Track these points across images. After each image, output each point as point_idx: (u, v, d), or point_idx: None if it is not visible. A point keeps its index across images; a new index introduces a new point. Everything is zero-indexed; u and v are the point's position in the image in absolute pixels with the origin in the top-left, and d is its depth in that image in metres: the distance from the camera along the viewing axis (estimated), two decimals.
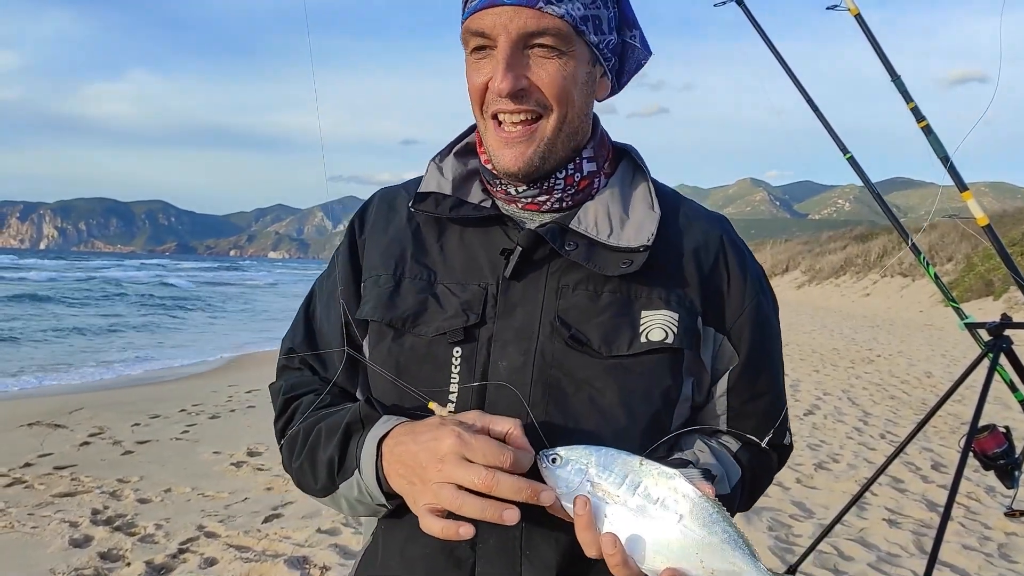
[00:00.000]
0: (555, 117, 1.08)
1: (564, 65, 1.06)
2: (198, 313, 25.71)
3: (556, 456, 0.96)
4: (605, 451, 0.95)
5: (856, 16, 2.84)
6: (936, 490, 5.53)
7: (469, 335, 1.10)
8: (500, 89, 1.04)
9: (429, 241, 1.18)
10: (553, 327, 1.09)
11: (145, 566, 3.98)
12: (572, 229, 1.12)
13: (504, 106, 1.07)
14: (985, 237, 2.82)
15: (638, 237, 1.12)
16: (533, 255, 1.12)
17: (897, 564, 4.22)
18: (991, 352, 2.85)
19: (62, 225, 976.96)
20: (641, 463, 0.93)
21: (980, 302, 22.30)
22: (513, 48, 1.04)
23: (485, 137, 1.13)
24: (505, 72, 1.04)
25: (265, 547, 4.29)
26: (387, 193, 1.28)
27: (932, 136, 2.77)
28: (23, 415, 7.58)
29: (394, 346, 1.12)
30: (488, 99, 1.08)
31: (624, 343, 1.09)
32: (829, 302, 32.27)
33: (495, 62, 1.06)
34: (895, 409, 8.74)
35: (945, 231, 29.86)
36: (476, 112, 1.12)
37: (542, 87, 1.06)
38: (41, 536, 4.42)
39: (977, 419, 2.82)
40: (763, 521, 4.76)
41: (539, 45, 1.05)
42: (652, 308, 1.11)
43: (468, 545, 1.08)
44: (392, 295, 1.14)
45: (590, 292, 1.11)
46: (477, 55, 1.08)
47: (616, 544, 0.90)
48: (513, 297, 1.11)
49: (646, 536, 0.91)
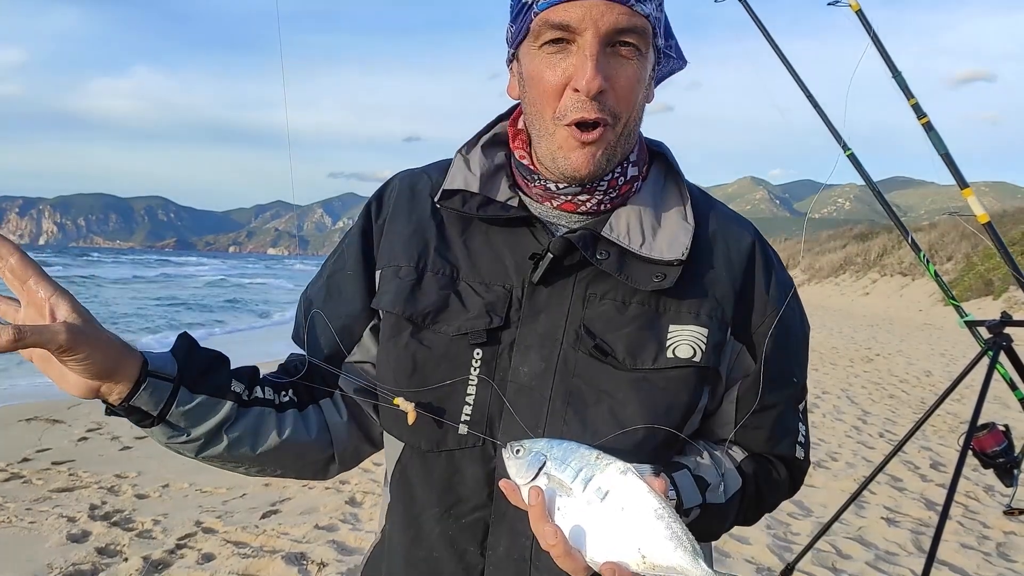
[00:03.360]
0: (623, 121, 1.04)
1: (640, 67, 1.03)
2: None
3: (520, 448, 0.97)
4: (566, 444, 0.96)
5: (857, 12, 2.83)
6: (935, 489, 5.53)
7: (491, 337, 1.07)
8: (590, 88, 0.99)
9: (453, 236, 1.15)
10: (578, 335, 1.07)
11: (143, 561, 3.97)
12: (604, 237, 1.08)
13: (586, 114, 1.01)
14: (985, 234, 2.81)
15: (671, 250, 1.08)
16: (563, 262, 1.08)
17: (895, 563, 4.22)
18: (991, 350, 2.84)
19: (61, 221, 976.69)
20: (597, 457, 0.94)
21: (980, 301, 22.31)
22: (602, 45, 0.99)
23: (549, 138, 1.06)
24: (596, 70, 0.98)
25: (263, 543, 4.29)
26: (409, 177, 1.22)
27: (933, 132, 2.76)
28: (21, 410, 7.57)
29: (412, 342, 1.09)
30: (564, 105, 1.02)
31: (649, 356, 1.07)
32: (828, 301, 32.28)
33: (578, 58, 1.00)
34: (894, 408, 8.75)
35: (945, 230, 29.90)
36: (546, 111, 1.04)
37: (617, 89, 1.01)
38: (39, 531, 4.41)
39: (976, 417, 2.81)
40: (761, 520, 4.76)
41: (623, 43, 1.00)
42: (681, 323, 1.08)
43: (478, 551, 1.08)
44: (414, 288, 1.11)
45: (617, 303, 1.08)
46: (551, 48, 1.02)
47: (558, 535, 0.90)
48: (538, 302, 1.09)
49: (591, 529, 0.92)
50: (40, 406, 7.79)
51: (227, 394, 1.05)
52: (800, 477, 1.23)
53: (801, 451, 1.20)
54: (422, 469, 1.10)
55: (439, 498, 1.09)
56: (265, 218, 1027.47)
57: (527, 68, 1.06)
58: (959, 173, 2.77)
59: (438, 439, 1.08)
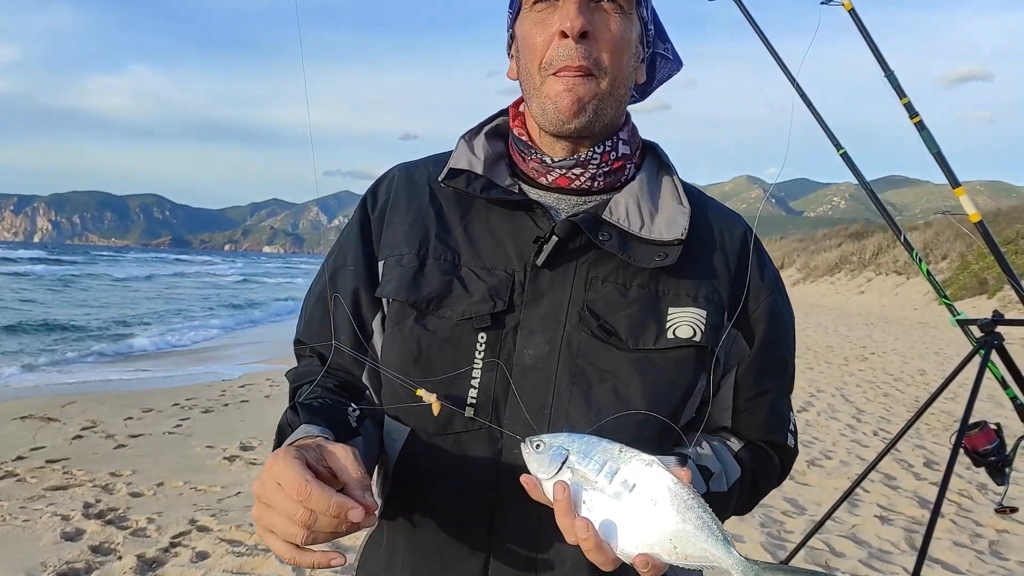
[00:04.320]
0: (609, 77, 1.08)
1: (624, 23, 1.08)
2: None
3: (540, 443, 0.97)
4: (587, 438, 0.96)
5: (850, 11, 2.84)
6: (928, 487, 5.55)
7: (496, 321, 1.09)
8: (573, 27, 1.04)
9: (453, 221, 1.16)
10: (581, 317, 1.09)
11: (137, 560, 3.97)
12: (605, 220, 1.11)
13: (571, 61, 1.06)
14: (977, 233, 2.82)
15: (671, 230, 1.12)
16: (567, 245, 1.11)
17: (888, 561, 4.24)
18: (982, 348, 2.85)
19: (56, 218, 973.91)
20: (621, 450, 0.94)
21: (974, 300, 22.36)
22: (585, 6, 1.05)
23: (538, 92, 1.10)
24: (578, 12, 1.04)
25: (257, 541, 4.28)
26: (406, 169, 1.25)
27: (925, 132, 2.77)
28: (16, 408, 7.56)
29: (416, 327, 1.10)
30: (551, 54, 1.07)
31: (651, 337, 1.09)
32: (824, 299, 32.33)
33: (562, 11, 1.06)
34: (888, 407, 8.77)
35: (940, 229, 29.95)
36: (533, 69, 1.10)
37: (603, 40, 1.07)
38: (33, 529, 4.40)
39: (968, 416, 2.82)
40: (755, 517, 4.77)
41: (604, 6, 1.07)
42: (680, 305, 1.11)
43: (485, 533, 1.08)
44: (416, 275, 1.12)
45: (619, 285, 1.11)
46: (541, 6, 1.08)
47: (589, 529, 0.90)
48: (541, 285, 1.10)
49: (621, 522, 0.92)
50: (34, 404, 7.78)
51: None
52: (789, 465, 1.26)
53: (792, 439, 1.23)
54: (429, 453, 1.11)
55: (446, 480, 1.10)
56: (260, 216, 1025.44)
57: (521, 34, 1.11)
58: (951, 172, 2.78)
59: (444, 422, 1.09)
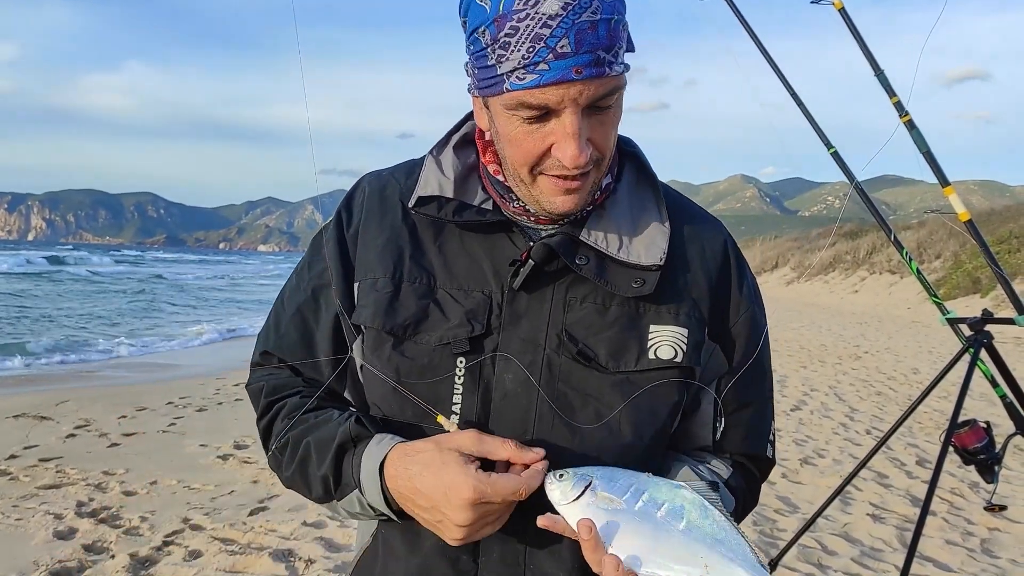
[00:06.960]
0: (604, 161, 1.04)
1: (617, 111, 1.02)
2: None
3: (564, 473, 0.97)
4: (611, 468, 0.97)
5: (840, 10, 2.84)
6: (920, 485, 5.57)
7: (474, 345, 1.06)
8: (577, 165, 0.97)
9: (427, 242, 1.13)
10: (560, 340, 1.07)
11: (129, 559, 3.97)
12: (582, 241, 1.08)
13: (573, 173, 1.00)
14: (967, 232, 2.83)
15: (649, 254, 1.08)
16: (544, 267, 1.07)
17: (880, 559, 4.26)
18: (972, 347, 2.86)
19: (50, 217, 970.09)
20: (648, 476, 0.95)
21: (967, 299, 22.43)
22: (582, 119, 0.97)
23: (527, 186, 1.04)
24: (581, 148, 0.97)
25: (250, 540, 4.29)
26: (376, 181, 1.19)
27: (915, 131, 2.78)
28: (9, 407, 7.54)
29: (394, 354, 1.08)
30: (548, 163, 1.00)
31: (632, 359, 1.07)
32: (818, 299, 32.39)
33: (559, 133, 0.97)
34: (881, 405, 8.80)
35: (933, 228, 30.01)
36: (523, 170, 1.02)
37: (599, 142, 1.00)
38: (25, 528, 4.40)
39: (957, 414, 2.83)
40: (748, 516, 4.79)
41: (599, 107, 0.98)
42: (661, 323, 1.09)
43: (471, 558, 1.08)
44: (392, 300, 1.09)
45: (598, 306, 1.08)
46: (531, 122, 0.98)
47: (619, 568, 0.92)
48: (519, 308, 1.08)
49: (649, 542, 0.91)
50: (28, 403, 7.76)
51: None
52: (767, 474, 1.26)
53: (771, 450, 1.23)
54: None
55: None
56: (255, 215, 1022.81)
57: (501, 127, 1.02)
58: (941, 171, 2.79)
59: None
